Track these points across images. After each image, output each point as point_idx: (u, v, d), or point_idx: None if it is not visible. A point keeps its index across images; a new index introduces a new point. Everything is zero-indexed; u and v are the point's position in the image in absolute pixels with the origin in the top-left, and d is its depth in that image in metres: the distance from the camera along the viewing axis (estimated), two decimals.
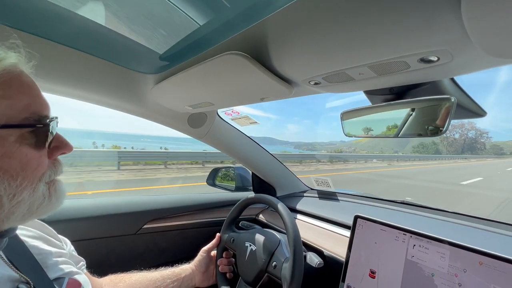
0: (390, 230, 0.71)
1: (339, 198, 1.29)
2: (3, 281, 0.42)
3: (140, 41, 0.77)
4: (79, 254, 0.68)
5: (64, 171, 0.47)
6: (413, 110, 0.52)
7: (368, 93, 0.60)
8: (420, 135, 0.50)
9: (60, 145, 0.45)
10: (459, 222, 0.85)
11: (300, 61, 0.50)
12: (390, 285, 0.66)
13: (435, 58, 0.38)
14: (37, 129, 0.40)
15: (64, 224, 0.93)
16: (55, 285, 0.49)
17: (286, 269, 0.73)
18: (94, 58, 0.75)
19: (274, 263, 0.79)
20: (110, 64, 0.78)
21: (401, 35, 0.36)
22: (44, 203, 0.42)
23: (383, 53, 0.41)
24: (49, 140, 0.42)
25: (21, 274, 0.45)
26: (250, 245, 0.88)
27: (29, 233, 0.55)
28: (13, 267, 0.45)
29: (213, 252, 0.96)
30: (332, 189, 1.35)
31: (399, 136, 0.54)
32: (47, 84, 0.73)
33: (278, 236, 0.88)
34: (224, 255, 0.94)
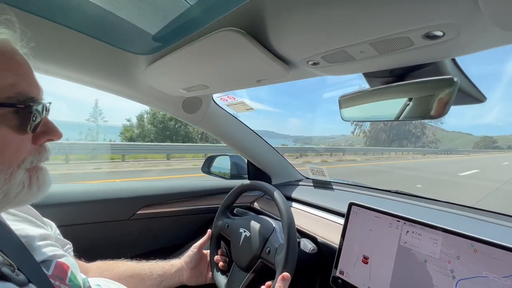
0: (384, 217, 0.71)
1: (334, 187, 1.29)
2: None
3: (132, 21, 0.74)
4: (69, 239, 0.66)
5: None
6: (413, 92, 0.50)
7: (368, 75, 0.59)
8: (420, 118, 0.49)
9: (47, 131, 0.43)
10: (453, 211, 0.86)
11: (298, 37, 0.48)
12: (382, 270, 0.66)
13: (440, 33, 0.37)
14: (20, 111, 0.37)
15: (53, 208, 0.91)
16: (43, 268, 0.47)
17: (279, 255, 0.73)
18: (86, 37, 0.71)
19: (268, 249, 0.79)
20: (102, 43, 0.75)
21: (406, 7, 0.34)
22: (23, 191, 0.40)
23: (386, 28, 0.39)
24: (33, 124, 0.39)
25: (4, 257, 0.43)
26: (245, 231, 0.88)
27: (13, 217, 0.53)
28: None
29: (205, 251, 0.95)
30: (327, 178, 1.35)
31: (399, 119, 0.53)
32: (36, 63, 0.70)
33: (273, 223, 0.88)
34: (219, 252, 0.93)
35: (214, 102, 1.11)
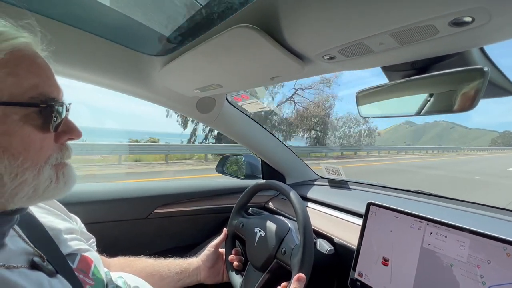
0: (405, 218, 0.68)
1: (350, 186, 1.26)
2: (17, 253, 0.42)
3: (147, 23, 0.76)
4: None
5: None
6: (438, 85, 0.47)
7: (387, 69, 0.56)
8: (445, 112, 0.46)
9: (68, 130, 0.45)
10: (479, 212, 0.81)
11: (314, 31, 0.46)
12: (404, 272, 0.63)
13: (469, 19, 0.34)
14: (43, 110, 0.39)
15: (78, 207, 0.94)
16: (68, 261, 0.49)
17: (295, 256, 0.72)
18: (103, 40, 0.74)
19: (284, 249, 0.77)
20: (119, 46, 0.77)
21: None
22: (50, 186, 0.42)
23: (408, 16, 0.36)
24: (54, 123, 0.41)
25: (35, 248, 0.45)
26: (260, 231, 0.87)
27: (42, 210, 0.56)
28: (27, 241, 0.45)
29: (222, 250, 0.95)
30: (343, 177, 1.32)
31: (421, 114, 0.50)
32: (55, 66, 0.72)
33: (288, 223, 0.87)
34: (233, 252, 0.93)
35: (228, 101, 1.11)
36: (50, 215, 0.56)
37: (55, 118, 0.41)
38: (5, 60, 0.36)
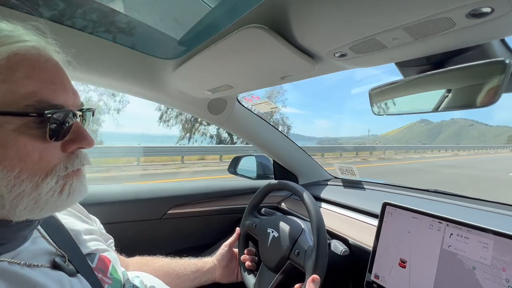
0: (423, 218, 0.66)
1: (365, 186, 1.23)
2: (40, 253, 0.44)
3: (159, 28, 0.77)
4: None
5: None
6: (456, 79, 0.45)
7: (401, 65, 0.54)
8: (464, 107, 0.44)
9: (76, 138, 0.41)
10: (503, 212, 0.77)
11: (324, 28, 0.46)
12: (423, 275, 0.61)
13: (488, 10, 0.32)
14: (39, 119, 0.36)
15: (96, 207, 0.98)
16: (88, 260, 0.51)
17: (309, 257, 0.71)
18: (117, 45, 0.76)
19: (297, 250, 0.77)
20: (132, 51, 0.79)
21: None
22: (52, 199, 0.39)
23: (423, 9, 0.35)
24: (57, 132, 0.38)
25: (57, 248, 0.47)
26: (273, 232, 0.86)
27: (64, 211, 0.57)
28: (50, 241, 0.47)
29: (236, 249, 0.95)
30: (357, 177, 1.29)
31: (438, 110, 0.48)
32: (72, 72, 0.75)
33: (301, 224, 0.86)
34: (246, 252, 0.93)
35: (239, 102, 1.12)
36: (71, 217, 0.58)
37: (58, 126, 0.38)
38: (0, 66, 0.34)
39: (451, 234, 0.60)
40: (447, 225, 0.61)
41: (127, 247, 0.79)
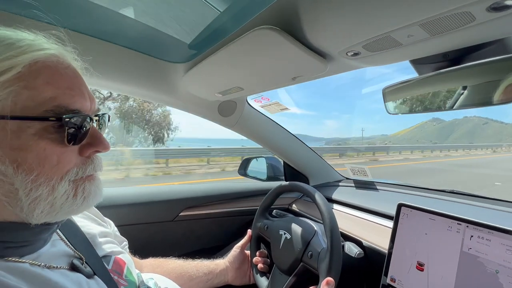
0: (441, 220, 0.64)
1: (378, 187, 1.21)
2: (59, 255, 0.45)
3: (169, 32, 0.78)
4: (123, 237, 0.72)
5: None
6: (474, 76, 0.44)
7: (416, 62, 0.53)
8: (483, 105, 0.43)
9: (93, 142, 0.43)
10: None
11: (336, 27, 0.45)
12: (442, 279, 0.59)
13: (510, 3, 0.31)
14: (59, 124, 0.37)
15: (109, 210, 1.00)
16: (104, 262, 0.52)
17: (323, 260, 0.70)
18: (129, 50, 0.77)
19: (310, 252, 0.76)
20: (144, 55, 0.81)
21: None
22: (67, 202, 0.40)
23: (440, 4, 0.34)
24: (75, 136, 0.39)
25: (75, 250, 0.48)
26: (285, 233, 0.86)
27: (79, 214, 0.59)
28: (68, 243, 0.48)
29: (248, 251, 0.95)
30: (369, 178, 1.27)
31: (454, 108, 0.47)
32: (86, 78, 0.77)
33: (314, 226, 0.85)
34: (258, 254, 0.92)
35: (249, 104, 1.12)
36: (86, 220, 0.59)
37: (75, 131, 0.39)
38: (22, 74, 0.35)
39: (472, 236, 0.58)
40: (467, 226, 0.59)
41: (140, 249, 0.80)
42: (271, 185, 1.37)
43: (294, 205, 1.31)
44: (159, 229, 1.10)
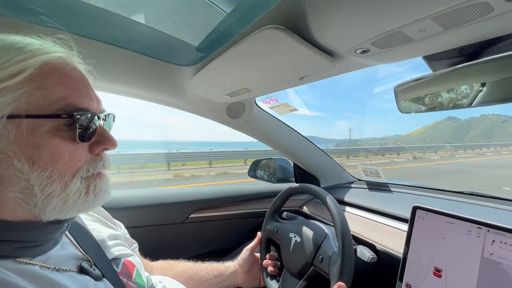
0: (459, 223, 0.61)
1: (392, 189, 1.17)
2: (69, 257, 0.46)
3: (177, 36, 0.79)
4: (133, 239, 0.72)
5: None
6: (493, 71, 0.41)
7: (430, 58, 0.50)
8: (504, 101, 0.40)
9: (101, 140, 0.44)
10: None
11: (343, 24, 0.43)
12: (462, 285, 0.56)
13: None
14: (71, 121, 0.39)
15: (120, 212, 1.01)
16: (113, 265, 0.52)
17: (334, 264, 0.68)
18: (139, 55, 0.78)
19: (321, 256, 0.74)
20: (153, 59, 0.82)
21: None
22: (80, 199, 0.42)
23: None
24: (85, 133, 0.41)
25: (84, 253, 0.48)
26: (295, 236, 0.84)
27: (90, 217, 0.60)
28: (78, 246, 0.49)
29: (257, 254, 0.94)
30: (382, 179, 1.23)
31: (472, 105, 0.44)
32: (95, 82, 0.78)
33: (325, 229, 0.83)
34: (267, 256, 0.91)
35: (257, 105, 1.11)
36: (96, 223, 0.60)
37: (85, 128, 0.41)
38: (33, 75, 0.37)
39: (493, 241, 0.55)
40: (488, 231, 0.56)
41: (150, 251, 0.80)
42: (281, 187, 1.35)
43: (305, 207, 1.29)
44: (170, 231, 1.11)
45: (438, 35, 0.40)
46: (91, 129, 0.42)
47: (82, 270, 0.45)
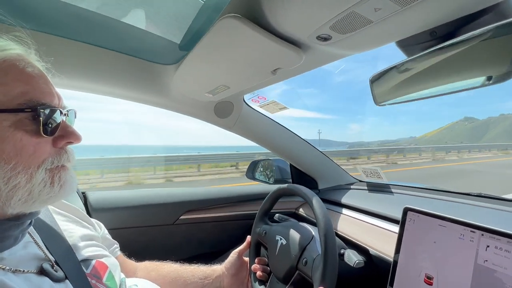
0: (452, 226, 0.55)
1: (392, 190, 1.10)
2: (29, 258, 0.45)
3: (159, 34, 0.79)
4: (120, 241, 0.71)
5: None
6: (471, 49, 0.36)
7: (401, 44, 0.46)
8: (486, 84, 0.35)
9: (66, 134, 0.45)
10: None
11: (297, 8, 0.40)
12: None
13: None
14: (34, 116, 0.40)
15: (109, 212, 1.01)
16: (82, 266, 0.51)
17: (317, 267, 0.64)
18: (116, 53, 0.79)
19: (305, 259, 0.70)
20: (133, 58, 0.82)
21: None
22: (45, 190, 0.42)
23: None
24: (48, 128, 0.42)
25: (47, 253, 0.47)
26: (281, 239, 0.80)
27: (63, 217, 0.59)
28: (41, 247, 0.48)
29: (246, 258, 0.91)
30: (384, 180, 1.16)
31: (452, 91, 0.39)
32: (74, 82, 0.79)
33: (312, 231, 0.79)
34: (256, 261, 0.88)
35: (247, 104, 1.08)
36: (71, 223, 0.59)
37: (48, 123, 0.42)
38: None
39: (487, 246, 0.49)
40: (482, 234, 0.50)
41: (139, 252, 0.79)
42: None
43: (301, 210, 1.24)
44: (159, 232, 1.10)
45: (397, 15, 0.36)
46: (54, 123, 0.43)
47: (42, 271, 0.44)
